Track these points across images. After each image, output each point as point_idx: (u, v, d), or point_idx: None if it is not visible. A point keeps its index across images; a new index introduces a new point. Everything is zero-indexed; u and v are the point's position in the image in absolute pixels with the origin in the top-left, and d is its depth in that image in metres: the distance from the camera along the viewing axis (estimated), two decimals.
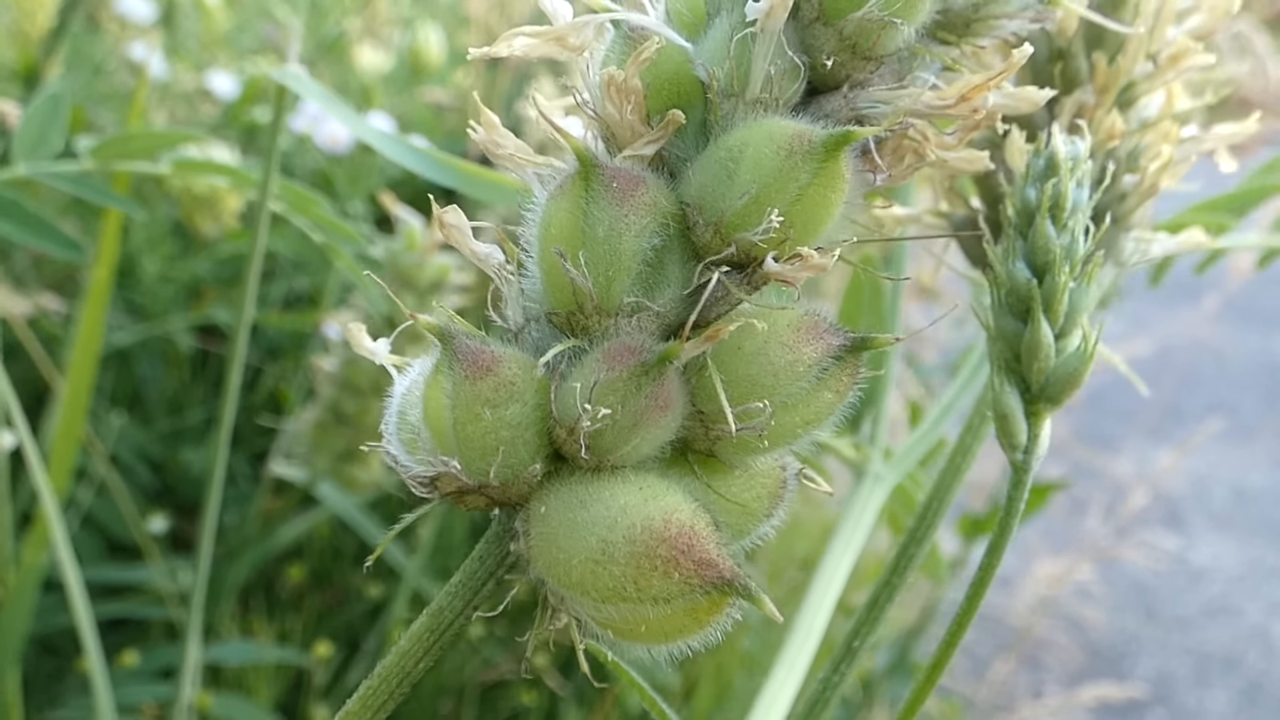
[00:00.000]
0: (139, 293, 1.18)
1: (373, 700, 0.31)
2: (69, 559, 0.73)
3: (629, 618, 0.27)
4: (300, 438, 1.10)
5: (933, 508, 0.43)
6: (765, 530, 0.30)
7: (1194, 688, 2.03)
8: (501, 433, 0.27)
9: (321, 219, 0.72)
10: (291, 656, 1.10)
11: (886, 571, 0.42)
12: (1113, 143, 0.40)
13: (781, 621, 0.26)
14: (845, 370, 0.28)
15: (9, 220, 0.64)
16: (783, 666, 0.45)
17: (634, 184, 0.27)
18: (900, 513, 0.57)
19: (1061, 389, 0.30)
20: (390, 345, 0.33)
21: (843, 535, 0.48)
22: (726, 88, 0.27)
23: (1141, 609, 2.24)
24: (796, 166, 0.26)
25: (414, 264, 0.95)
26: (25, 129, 0.67)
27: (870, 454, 0.52)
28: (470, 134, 0.31)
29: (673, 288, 0.27)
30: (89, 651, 0.73)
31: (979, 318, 0.32)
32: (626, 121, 0.27)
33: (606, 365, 0.26)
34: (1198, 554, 2.42)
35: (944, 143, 0.28)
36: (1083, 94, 0.41)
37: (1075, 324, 0.30)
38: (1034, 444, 0.31)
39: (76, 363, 0.80)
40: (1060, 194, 0.30)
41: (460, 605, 0.30)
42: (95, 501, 1.10)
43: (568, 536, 0.27)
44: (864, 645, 0.41)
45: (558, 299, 0.28)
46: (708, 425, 0.28)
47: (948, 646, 0.32)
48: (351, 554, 1.26)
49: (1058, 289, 0.30)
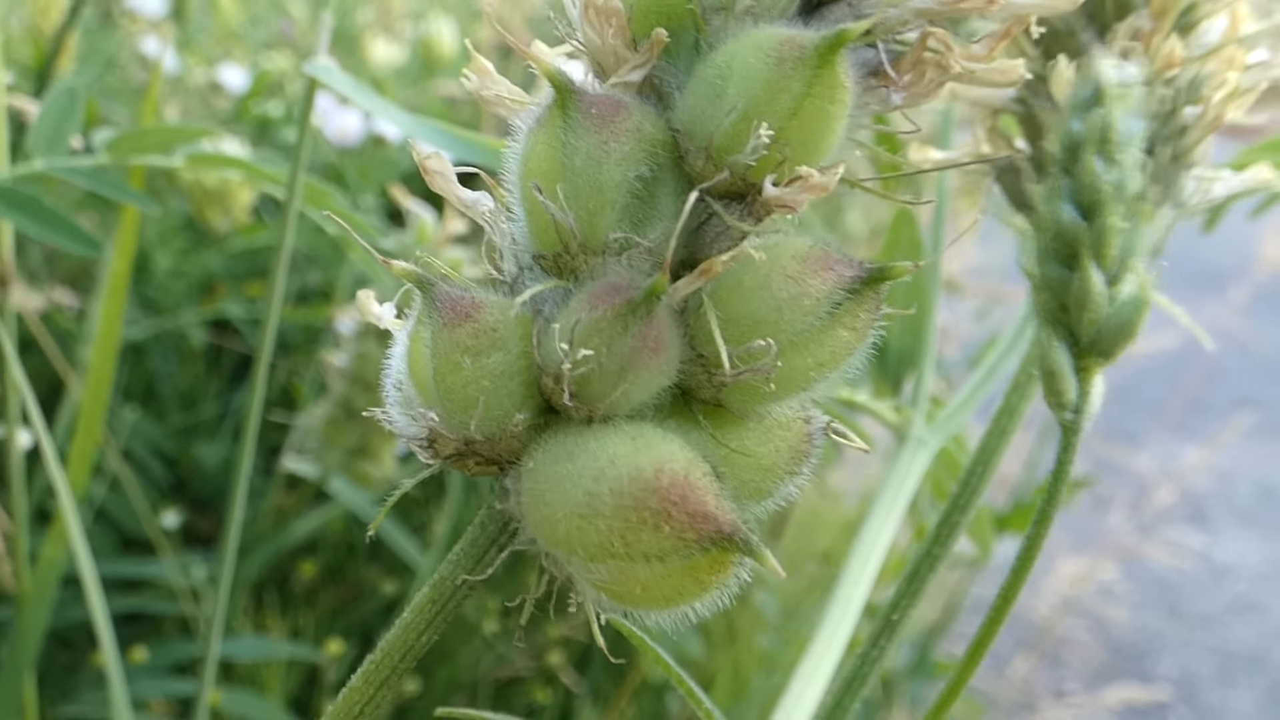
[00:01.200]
0: (152, 287, 1.18)
1: (376, 675, 0.29)
2: (86, 555, 0.72)
3: (621, 578, 0.25)
4: (312, 433, 1.10)
5: (978, 471, 0.40)
6: (790, 489, 0.27)
7: (1218, 686, 1.99)
8: (483, 382, 0.25)
9: (336, 211, 0.72)
10: (304, 652, 1.09)
11: (928, 540, 0.40)
12: (1171, 71, 0.37)
13: (784, 578, 0.24)
14: (863, 305, 0.25)
15: (28, 216, 0.64)
16: (821, 641, 0.42)
17: (614, 109, 0.25)
18: (945, 479, 0.54)
19: (1114, 341, 0.28)
20: (395, 310, 0.31)
21: (884, 502, 0.45)
22: (714, 2, 0.25)
23: (1165, 606, 2.20)
24: (788, 75, 0.24)
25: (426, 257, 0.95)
26: (41, 124, 0.67)
27: (912, 416, 0.49)
28: (464, 81, 0.30)
29: (666, 222, 0.25)
30: (105, 647, 0.73)
31: (1022, 267, 0.29)
32: (609, 46, 0.25)
33: (590, 305, 0.24)
34: (1222, 551, 2.38)
35: (971, 53, 0.25)
36: (1137, 19, 0.37)
37: (1128, 269, 0.27)
38: (1085, 402, 0.28)
39: (95, 363, 0.80)
40: (1108, 125, 0.27)
41: (462, 574, 0.28)
42: (108, 496, 1.10)
43: (554, 490, 0.25)
44: (904, 617, 0.38)
45: (543, 240, 0.26)
46: (710, 371, 0.26)
47: (984, 638, 0.30)
48: (364, 550, 1.26)
49: (1108, 230, 0.27)
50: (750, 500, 0.27)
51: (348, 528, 1.24)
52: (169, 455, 1.21)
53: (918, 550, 0.40)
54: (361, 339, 1.05)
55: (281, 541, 1.14)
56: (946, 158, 0.40)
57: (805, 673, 0.41)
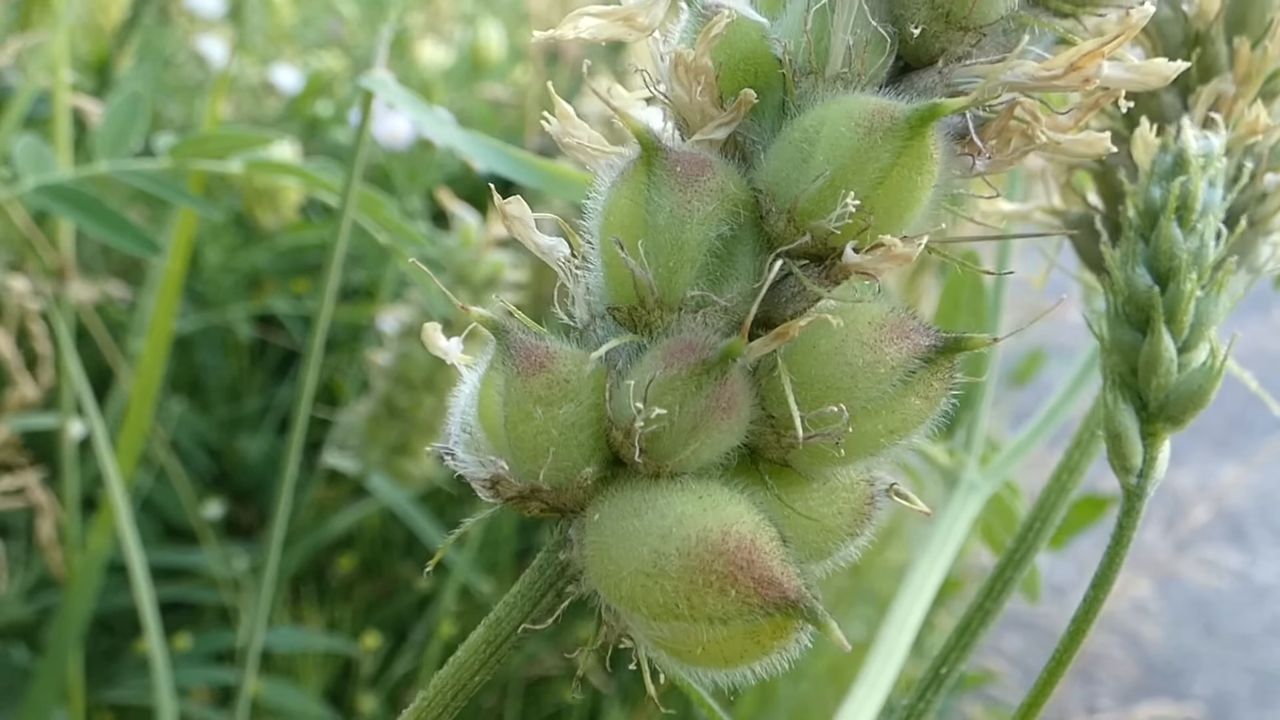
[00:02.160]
0: (201, 281, 1.20)
1: (427, 713, 0.29)
2: (135, 544, 0.74)
3: (684, 638, 0.25)
4: (353, 430, 1.11)
5: (1035, 528, 0.39)
6: (850, 551, 0.27)
7: (1254, 707, 1.95)
8: (553, 432, 0.25)
9: (388, 221, 0.72)
10: (340, 645, 1.11)
11: (981, 594, 0.39)
12: (1254, 138, 0.36)
13: (850, 651, 0.24)
14: (936, 374, 0.25)
15: (90, 217, 0.65)
16: (864, 685, 0.42)
17: (699, 168, 0.25)
18: (995, 525, 0.54)
19: (1184, 408, 0.28)
20: (461, 345, 0.32)
21: (933, 546, 0.45)
22: (804, 64, 0.25)
23: (1201, 625, 2.16)
24: (877, 145, 0.23)
25: (469, 261, 0.95)
26: (107, 128, 0.69)
27: (965, 460, 0.49)
28: (543, 125, 0.30)
29: (743, 282, 0.25)
30: (150, 634, 0.74)
31: (1091, 327, 0.29)
32: (696, 103, 0.25)
33: (665, 362, 0.24)
34: (1261, 571, 2.33)
35: (1057, 124, 0.25)
36: (1221, 83, 0.37)
37: (1201, 336, 0.28)
38: (1150, 467, 0.28)
39: (146, 358, 0.81)
40: (1189, 193, 0.27)
41: (519, 617, 0.28)
42: (154, 486, 1.12)
43: (619, 546, 0.25)
44: (954, 672, 0.38)
45: (619, 293, 0.26)
46: (779, 432, 0.25)
47: (1046, 685, 0.30)
48: (401, 545, 1.27)
49: (1183, 297, 0.27)
50: (810, 560, 0.27)
51: (385, 523, 1.26)
52: (213, 447, 1.23)
53: (970, 604, 0.39)
54: (404, 339, 1.06)
55: (320, 535, 1.16)
56: (1017, 210, 0.40)
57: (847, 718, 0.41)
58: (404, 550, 1.27)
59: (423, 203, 1.22)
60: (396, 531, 1.26)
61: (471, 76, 1.42)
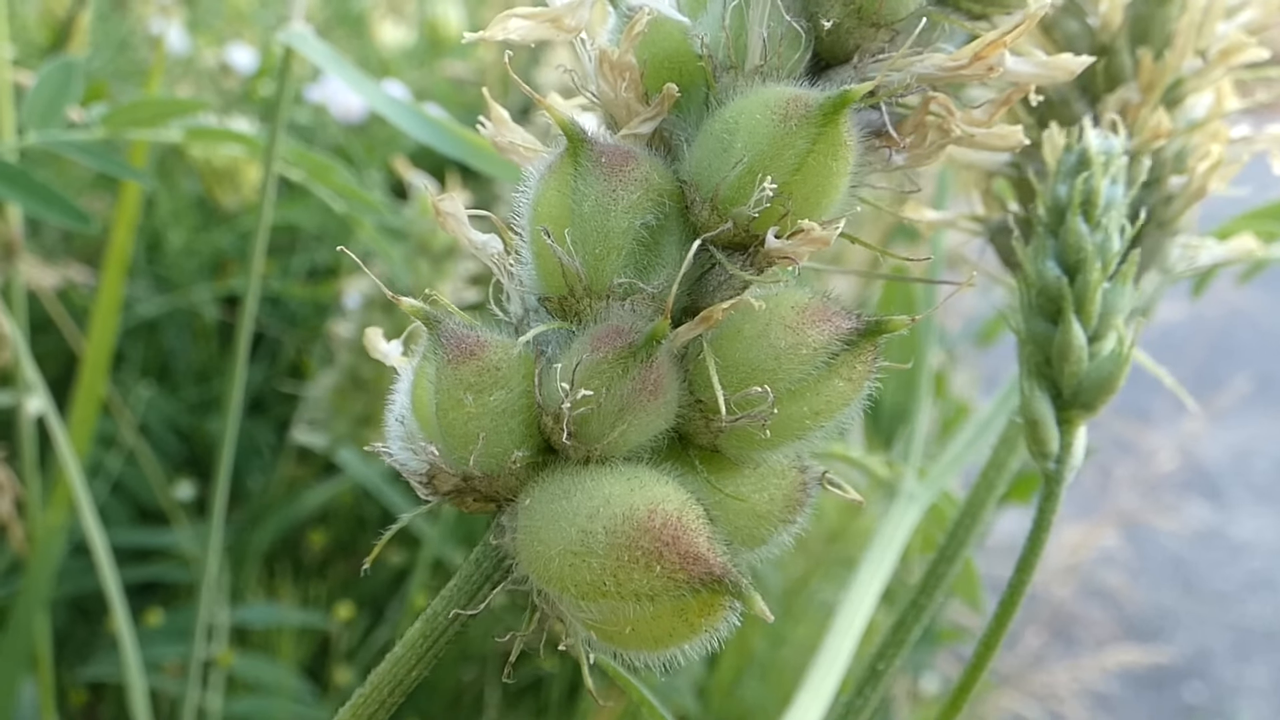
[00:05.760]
0: (164, 265, 1.19)
1: (364, 708, 0.29)
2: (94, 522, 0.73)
3: (612, 617, 0.25)
4: (320, 403, 1.12)
5: (965, 524, 0.40)
6: (784, 539, 0.28)
7: (1233, 662, 2.00)
8: (484, 419, 0.26)
9: (340, 187, 0.71)
10: (314, 619, 1.12)
11: (914, 591, 0.40)
12: (1158, 142, 0.38)
13: (772, 621, 0.24)
14: (859, 357, 0.26)
15: (17, 190, 0.61)
16: (808, 690, 0.43)
17: (623, 158, 0.25)
18: (935, 533, 0.55)
19: (1095, 394, 0.29)
20: (402, 348, 0.32)
21: (874, 555, 0.46)
22: (724, 60, 0.26)
23: (1179, 583, 2.21)
24: (793, 132, 0.24)
25: (428, 230, 0.96)
26: (36, 97, 0.64)
27: (903, 471, 0.50)
28: (479, 129, 0.30)
29: (670, 270, 0.26)
30: (115, 609, 0.74)
31: (1008, 322, 0.30)
32: (622, 99, 0.26)
33: (591, 347, 0.25)
34: (1239, 528, 2.38)
35: (972, 118, 0.26)
36: (1126, 91, 0.38)
37: (1110, 326, 0.29)
38: (1067, 453, 0.29)
39: (97, 323, 0.80)
40: (1093, 190, 0.29)
41: (455, 609, 0.29)
42: (125, 469, 1.12)
43: (549, 528, 0.25)
44: (889, 669, 0.39)
45: (549, 283, 0.26)
46: (708, 416, 0.26)
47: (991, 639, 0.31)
48: (374, 521, 1.28)
49: (1090, 288, 0.28)
50: (745, 547, 0.27)
51: (357, 500, 1.26)
52: (183, 429, 1.23)
53: (903, 601, 0.40)
54: (366, 310, 1.07)
55: (292, 513, 1.16)
56: (941, 217, 0.41)
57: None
58: (378, 526, 1.28)
59: (382, 176, 1.21)
60: (369, 508, 1.27)
61: (431, 55, 1.40)
